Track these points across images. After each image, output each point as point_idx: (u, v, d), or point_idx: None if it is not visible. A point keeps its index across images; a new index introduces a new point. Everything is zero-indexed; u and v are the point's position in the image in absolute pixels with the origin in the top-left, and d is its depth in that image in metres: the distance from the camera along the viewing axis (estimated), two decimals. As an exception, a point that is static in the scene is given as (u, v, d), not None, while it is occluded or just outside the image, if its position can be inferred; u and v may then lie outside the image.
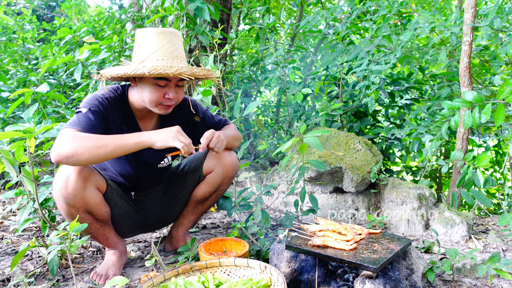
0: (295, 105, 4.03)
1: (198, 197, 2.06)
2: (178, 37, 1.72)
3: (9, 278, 1.80)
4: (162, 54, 1.64)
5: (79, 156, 1.49)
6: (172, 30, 1.70)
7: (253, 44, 7.20)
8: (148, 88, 1.67)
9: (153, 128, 1.89)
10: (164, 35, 1.66)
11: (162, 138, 1.56)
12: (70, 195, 1.62)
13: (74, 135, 1.52)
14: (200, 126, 2.00)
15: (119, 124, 1.76)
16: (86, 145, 1.49)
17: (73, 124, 1.57)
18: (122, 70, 1.62)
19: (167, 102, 1.70)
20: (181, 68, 1.61)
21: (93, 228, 1.78)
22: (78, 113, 1.62)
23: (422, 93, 3.99)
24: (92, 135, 1.54)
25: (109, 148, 1.52)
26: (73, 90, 4.29)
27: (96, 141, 1.51)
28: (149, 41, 1.66)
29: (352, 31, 3.74)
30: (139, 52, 1.68)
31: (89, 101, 1.67)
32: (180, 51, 1.72)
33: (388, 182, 2.62)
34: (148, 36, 1.67)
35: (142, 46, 1.68)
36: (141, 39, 1.69)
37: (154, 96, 1.67)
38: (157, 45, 1.65)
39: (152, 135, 1.57)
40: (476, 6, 2.55)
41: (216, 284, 1.51)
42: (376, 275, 1.42)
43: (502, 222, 2.03)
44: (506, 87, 1.93)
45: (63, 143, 1.50)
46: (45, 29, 6.05)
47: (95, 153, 1.50)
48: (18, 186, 3.08)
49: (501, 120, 1.93)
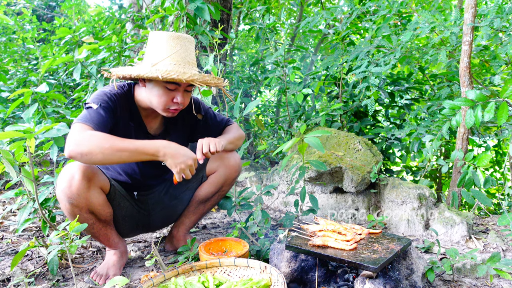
0: (295, 105, 4.03)
1: (200, 197, 2.07)
2: (191, 43, 1.74)
3: (9, 278, 1.80)
4: (175, 59, 1.65)
5: (93, 156, 1.50)
6: (186, 36, 1.72)
7: (253, 44, 7.20)
8: (157, 90, 1.68)
9: (158, 126, 1.89)
10: (178, 40, 1.68)
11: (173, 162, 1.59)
12: (74, 195, 1.62)
13: (91, 134, 1.53)
14: (202, 124, 2.00)
15: (126, 121, 1.77)
16: (102, 146, 1.50)
17: (86, 120, 1.58)
18: (135, 71, 1.62)
19: (174, 107, 1.71)
20: (193, 75, 1.62)
21: (95, 228, 1.78)
22: (89, 109, 1.63)
23: (422, 93, 3.98)
24: (109, 137, 1.54)
25: (125, 154, 1.54)
26: (73, 90, 4.29)
27: (113, 144, 1.52)
28: (162, 45, 1.67)
29: (352, 31, 3.74)
30: (152, 55, 1.69)
31: (99, 97, 1.67)
32: (192, 57, 1.73)
33: (388, 182, 2.62)
34: (162, 39, 1.67)
35: (155, 49, 1.68)
36: (154, 42, 1.69)
37: (162, 99, 1.68)
38: (171, 49, 1.66)
39: (168, 153, 1.59)
40: (476, 6, 2.55)
41: (216, 284, 1.51)
42: (376, 275, 1.42)
43: (502, 222, 2.03)
44: (509, 86, 1.93)
45: (80, 139, 1.51)
46: (45, 29, 6.05)
47: (109, 156, 1.52)
48: (18, 186, 3.08)
49: (504, 118, 1.93)
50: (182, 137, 2.00)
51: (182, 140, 2.03)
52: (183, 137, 2.01)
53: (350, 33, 3.62)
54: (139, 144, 1.57)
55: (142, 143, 1.57)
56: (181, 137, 1.99)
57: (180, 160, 1.59)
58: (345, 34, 3.49)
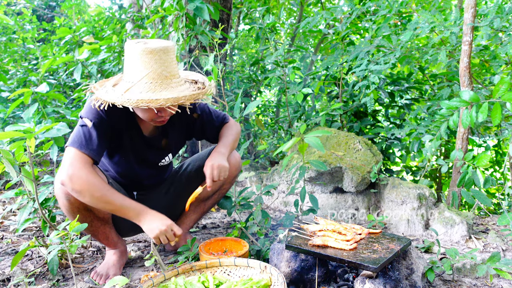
0: (295, 105, 4.03)
1: (200, 196, 2.06)
2: (169, 53, 1.60)
3: (9, 278, 1.80)
4: (150, 77, 1.57)
5: (81, 196, 1.59)
6: (162, 47, 1.57)
7: (253, 44, 7.20)
8: (139, 108, 1.65)
9: (154, 129, 1.87)
10: (152, 54, 1.55)
11: (148, 228, 1.65)
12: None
13: (87, 175, 1.57)
14: (199, 123, 1.99)
15: (121, 126, 1.76)
16: (93, 194, 1.57)
17: (81, 146, 1.60)
18: (108, 97, 1.58)
19: (160, 119, 1.69)
20: (166, 100, 1.53)
21: (94, 227, 1.78)
22: (83, 127, 1.63)
23: (422, 93, 3.98)
24: (102, 187, 1.59)
25: (108, 207, 1.63)
26: (73, 90, 4.29)
27: (102, 195, 1.59)
28: (136, 63, 1.57)
29: (352, 31, 3.74)
30: (127, 74, 1.62)
31: (92, 110, 1.66)
32: (171, 68, 1.61)
33: (388, 182, 2.62)
34: (135, 56, 1.57)
35: (130, 67, 1.60)
36: (129, 58, 1.61)
37: (146, 116, 1.67)
38: (145, 68, 1.56)
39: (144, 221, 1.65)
40: (476, 6, 2.55)
41: (216, 284, 1.51)
42: (376, 275, 1.42)
43: (502, 222, 2.03)
44: (501, 86, 1.93)
45: (75, 176, 1.56)
46: (45, 29, 6.04)
47: (96, 203, 1.61)
48: (18, 186, 3.08)
49: (498, 119, 1.93)
50: (180, 137, 2.00)
51: (180, 140, 2.03)
52: (181, 137, 2.00)
53: (350, 33, 3.62)
54: (126, 204, 1.64)
55: (129, 204, 1.65)
56: (179, 137, 1.99)
57: (154, 226, 1.64)
58: (345, 34, 3.49)
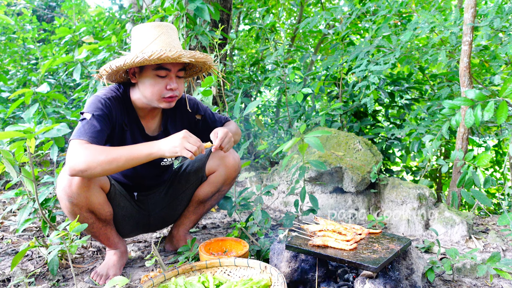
0: (295, 105, 4.03)
1: (200, 197, 2.07)
2: (174, 30, 1.75)
3: (9, 278, 1.80)
4: (159, 45, 1.66)
5: (93, 170, 1.52)
6: (167, 23, 1.73)
7: (253, 44, 7.20)
8: (149, 80, 1.68)
9: (156, 127, 1.89)
10: (160, 27, 1.69)
11: (169, 148, 1.55)
12: (74, 194, 1.63)
13: (85, 147, 1.53)
14: (202, 124, 2.01)
15: (123, 124, 1.77)
16: (98, 159, 1.51)
17: (80, 135, 1.58)
18: (122, 60, 1.61)
19: (169, 94, 1.70)
20: (180, 51, 1.62)
21: (95, 228, 1.78)
22: (83, 120, 1.62)
23: (422, 93, 3.99)
24: (103, 148, 1.55)
25: (121, 161, 1.54)
26: (73, 90, 4.29)
27: (107, 155, 1.52)
28: (146, 34, 1.69)
29: (352, 31, 3.74)
30: (137, 45, 1.70)
31: (92, 105, 1.67)
32: (177, 42, 1.74)
33: (388, 182, 2.62)
34: (144, 29, 1.69)
35: (139, 39, 1.70)
36: (137, 34, 1.71)
37: (156, 88, 1.68)
38: (154, 36, 1.67)
39: (161, 145, 1.56)
40: (476, 6, 2.56)
41: (216, 284, 1.51)
42: (376, 275, 1.42)
43: (502, 222, 2.03)
44: (508, 85, 1.93)
45: (76, 157, 1.52)
46: (45, 29, 6.05)
47: (108, 166, 1.53)
48: (18, 186, 3.08)
49: (504, 117, 1.93)
50: None
51: None
52: None
53: (350, 33, 3.62)
54: (134, 148, 1.56)
55: (136, 147, 1.57)
56: None
57: (173, 143, 1.55)
58: (345, 34, 3.49)
